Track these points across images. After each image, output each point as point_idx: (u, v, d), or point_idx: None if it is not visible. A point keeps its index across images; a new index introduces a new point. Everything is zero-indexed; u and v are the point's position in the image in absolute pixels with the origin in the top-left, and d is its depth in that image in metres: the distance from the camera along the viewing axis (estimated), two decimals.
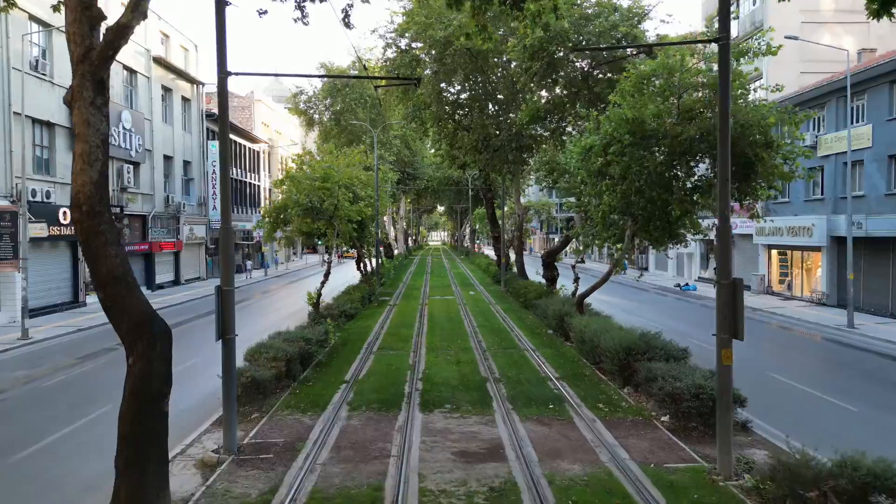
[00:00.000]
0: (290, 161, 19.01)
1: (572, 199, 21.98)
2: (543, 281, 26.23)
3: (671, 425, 10.25)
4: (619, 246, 18.09)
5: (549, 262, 25.05)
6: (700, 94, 15.24)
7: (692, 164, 15.47)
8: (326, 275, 18.64)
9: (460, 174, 60.55)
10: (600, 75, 23.93)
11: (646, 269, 53.63)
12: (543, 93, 25.96)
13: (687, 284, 37.41)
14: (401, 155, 48.20)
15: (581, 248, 19.96)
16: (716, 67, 15.03)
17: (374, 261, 34.21)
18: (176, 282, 39.62)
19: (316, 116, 44.44)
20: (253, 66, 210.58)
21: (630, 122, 15.09)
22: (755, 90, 15.56)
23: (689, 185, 15.56)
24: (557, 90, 25.58)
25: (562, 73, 24.15)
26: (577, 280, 21.74)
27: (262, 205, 31.23)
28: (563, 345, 17.42)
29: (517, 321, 21.75)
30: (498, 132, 29.95)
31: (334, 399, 11.84)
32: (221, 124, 9.11)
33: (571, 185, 21.04)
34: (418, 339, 18.18)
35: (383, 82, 28.54)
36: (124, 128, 32.46)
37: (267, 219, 18.00)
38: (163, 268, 38.08)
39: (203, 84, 43.47)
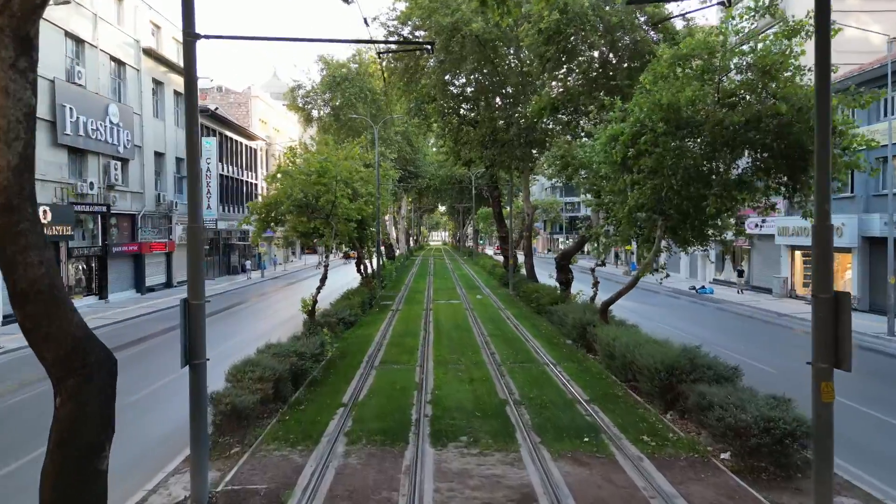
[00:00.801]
0: (282, 155, 17.24)
1: (589, 196, 20.26)
2: (556, 284, 24.50)
3: (735, 465, 8.50)
4: (645, 247, 16.42)
5: (564, 265, 23.29)
6: (743, 77, 13.50)
7: (734, 155, 13.76)
8: (323, 279, 16.89)
9: (464, 172, 58.87)
10: (620, 64, 22.19)
11: (659, 269, 51.97)
12: (555, 84, 24.21)
13: (703, 287, 35.65)
14: (403, 152, 46.45)
15: (602, 249, 18.23)
16: (760, 47, 13.38)
17: (375, 262, 32.48)
18: (168, 284, 37.90)
19: (315, 112, 42.70)
20: (250, 61, 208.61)
21: (664, 109, 13.38)
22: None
23: (730, 179, 13.83)
24: (571, 80, 23.85)
25: (580, 60, 22.42)
26: (596, 284, 20.01)
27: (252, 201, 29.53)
28: (585, 357, 15.67)
29: (531, 329, 19.99)
30: (507, 126, 28.22)
31: (329, 428, 10.09)
32: (188, 100, 7.40)
33: (590, 180, 19.34)
34: (424, 351, 16.44)
35: (385, 53, 26.65)
36: (111, 122, 30.72)
37: (255, 216, 16.22)
38: (153, 270, 36.35)
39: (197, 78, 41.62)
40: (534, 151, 29.52)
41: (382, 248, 43.60)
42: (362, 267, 26.17)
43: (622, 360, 12.77)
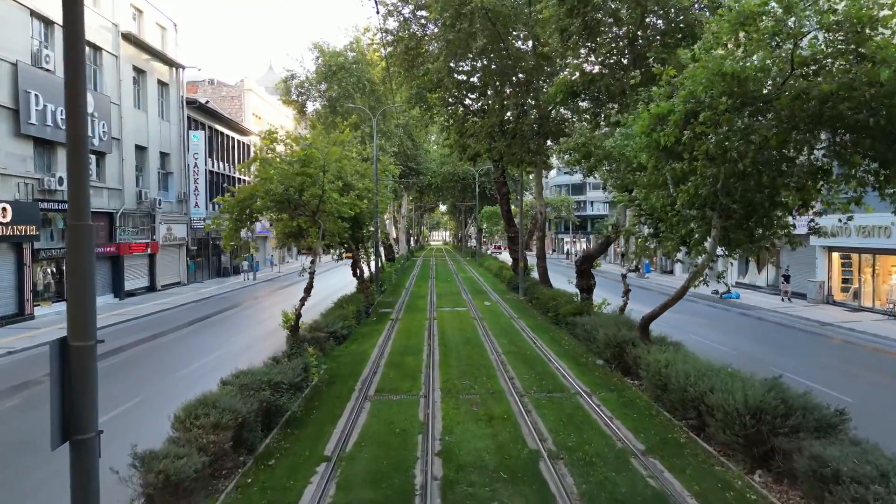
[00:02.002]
0: (260, 140, 14.49)
1: (607, 193, 17.65)
2: (575, 291, 21.83)
3: None
4: (693, 249, 13.77)
5: (585, 269, 20.61)
6: (830, 38, 10.81)
7: (815, 136, 11.13)
8: (307, 289, 14.22)
9: (467, 168, 56.24)
10: (651, 43, 19.48)
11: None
12: (577, 63, 21.50)
13: (728, 291, 32.90)
14: (403, 147, 43.72)
15: (637, 252, 15.55)
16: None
17: (373, 265, 29.80)
18: (151, 288, 35.23)
19: (310, 104, 40.02)
20: (245, 54, 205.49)
21: (728, 80, 10.73)
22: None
23: (812, 165, 11.18)
24: (594, 61, 21.16)
25: (604, 38, 19.74)
26: (627, 293, 17.32)
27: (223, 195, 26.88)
28: (624, 384, 12.97)
29: (552, 345, 17.29)
30: (518, 115, 25.55)
31: (305, 500, 7.41)
32: (69, 30, 4.68)
33: (619, 173, 16.67)
34: (429, 374, 13.74)
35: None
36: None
37: (227, 214, 13.52)
38: (135, 272, 33.67)
39: (183, 67, 39.04)
40: (549, 143, 26.86)
41: (382, 249, 40.96)
42: (358, 271, 23.46)
43: (680, 395, 10.07)
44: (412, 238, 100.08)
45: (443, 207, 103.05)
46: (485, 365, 14.71)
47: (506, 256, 73.57)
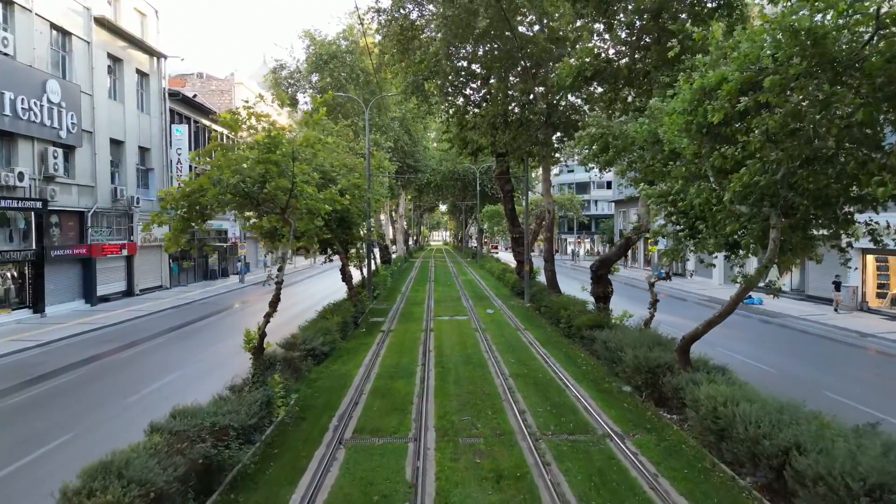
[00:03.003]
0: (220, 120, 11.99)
1: (624, 188, 15.28)
2: (588, 298, 19.40)
3: None
4: (745, 250, 11.47)
5: (602, 275, 18.17)
6: None
7: None
8: (274, 303, 11.78)
9: (468, 165, 53.83)
10: (678, 12, 17.05)
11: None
12: (594, 40, 19.08)
13: (750, 297, 30.45)
14: (400, 142, 41.25)
15: (671, 257, 13.13)
16: None
17: (365, 268, 27.37)
18: (128, 293, 32.81)
19: (300, 96, 37.56)
20: (237, 48, 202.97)
21: (802, 37, 8.34)
22: None
23: None
24: (610, 40, 18.77)
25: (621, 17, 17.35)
26: (654, 304, 14.90)
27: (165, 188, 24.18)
28: (662, 421, 10.52)
29: (567, 365, 14.84)
30: (524, 104, 23.12)
31: None
32: None
33: (644, 162, 14.29)
34: (422, 406, 11.30)
35: None
36: (50, 101, 25.62)
37: (171, 212, 10.97)
38: (110, 276, 31.23)
39: (165, 57, 36.59)
40: (557, 135, 24.43)
41: (376, 251, 38.55)
42: (347, 276, 21.00)
43: (749, 447, 7.64)
44: (412, 238, 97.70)
45: (443, 207, 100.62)
46: (489, 392, 12.26)
47: (504, 256, 71.25)
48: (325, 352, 15.36)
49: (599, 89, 22.03)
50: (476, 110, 28.76)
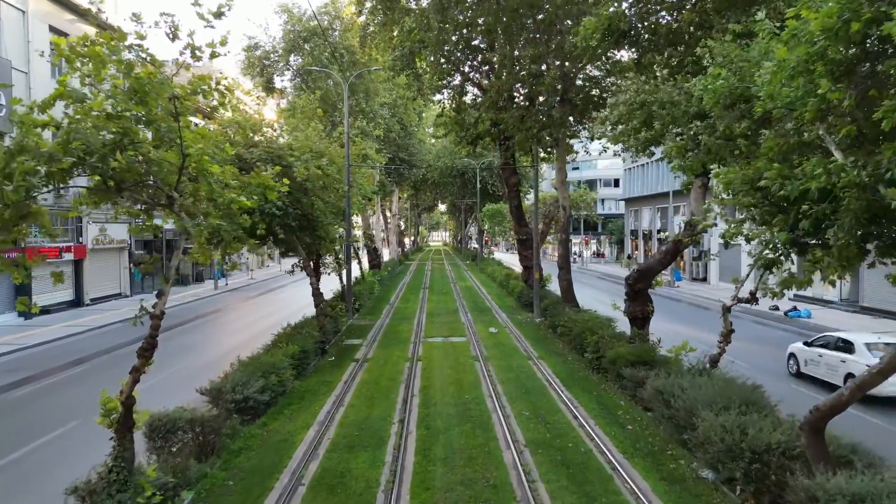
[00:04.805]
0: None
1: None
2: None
3: None
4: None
5: (642, 290, 13.83)
6: None
7: None
8: (144, 350, 7.44)
9: (467, 162, 49.49)
10: None
11: (704, 279, 42.29)
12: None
13: (795, 309, 26.08)
14: (392, 133, 36.85)
15: (785, 285, 8.72)
16: None
17: (345, 276, 22.99)
18: (76, 303, 28.51)
19: (277, 79, 33.25)
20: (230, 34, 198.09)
21: None
22: None
23: None
24: None
25: None
26: (727, 336, 10.57)
27: None
28: None
29: (608, 424, 10.42)
30: (535, 74, 18.81)
31: None
32: None
33: (710, 134, 10.08)
34: None
35: None
36: None
37: None
38: (51, 284, 26.84)
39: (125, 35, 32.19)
40: (571, 119, 20.08)
41: (363, 257, 34.23)
42: (312, 289, 16.56)
43: None
44: (409, 240, 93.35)
45: (442, 207, 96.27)
46: (495, 482, 7.90)
47: (505, 258, 66.67)
48: (266, 401, 10.99)
49: (627, 56, 17.78)
50: (476, 90, 24.49)
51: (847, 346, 13.18)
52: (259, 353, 12.92)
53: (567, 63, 17.53)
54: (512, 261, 58.80)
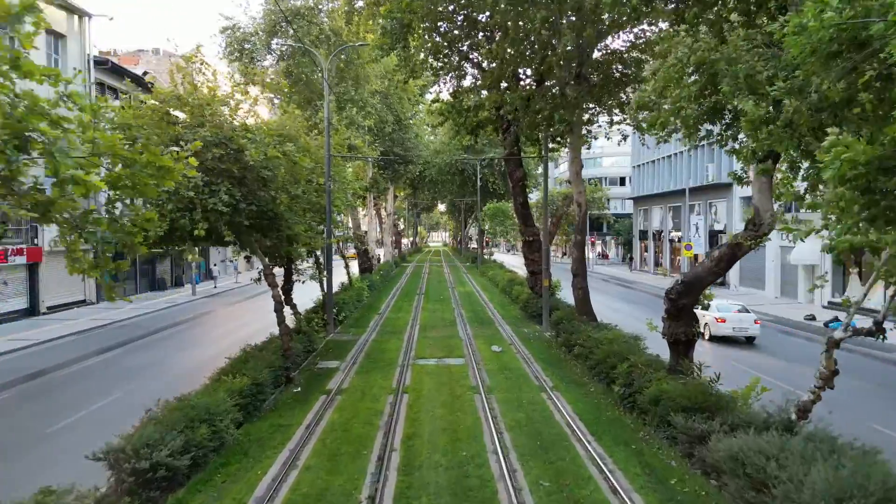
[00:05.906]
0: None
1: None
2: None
3: None
4: None
5: (686, 306, 10.88)
6: None
7: None
8: None
9: (466, 159, 46.54)
10: None
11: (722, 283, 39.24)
12: None
13: (837, 319, 23.08)
14: (385, 126, 33.86)
15: None
16: None
17: (325, 283, 19.96)
18: (31, 311, 25.62)
19: (258, 61, 30.22)
20: (207, 27, 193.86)
21: None
22: None
23: None
24: None
25: None
26: (830, 378, 7.63)
27: None
28: None
29: (661, 501, 7.48)
30: (547, 43, 15.87)
31: None
32: None
33: (800, 99, 7.06)
34: None
35: None
36: None
37: None
38: (1, 290, 23.99)
39: (89, 16, 29.32)
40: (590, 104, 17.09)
41: (348, 260, 31.24)
42: (276, 305, 13.50)
43: None
44: (406, 240, 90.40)
45: (442, 207, 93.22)
46: None
47: (505, 259, 63.58)
48: (186, 468, 7.99)
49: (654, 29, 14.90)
50: (476, 71, 21.52)
51: None
52: (196, 392, 9.92)
53: (586, 30, 14.51)
54: (513, 262, 55.75)
